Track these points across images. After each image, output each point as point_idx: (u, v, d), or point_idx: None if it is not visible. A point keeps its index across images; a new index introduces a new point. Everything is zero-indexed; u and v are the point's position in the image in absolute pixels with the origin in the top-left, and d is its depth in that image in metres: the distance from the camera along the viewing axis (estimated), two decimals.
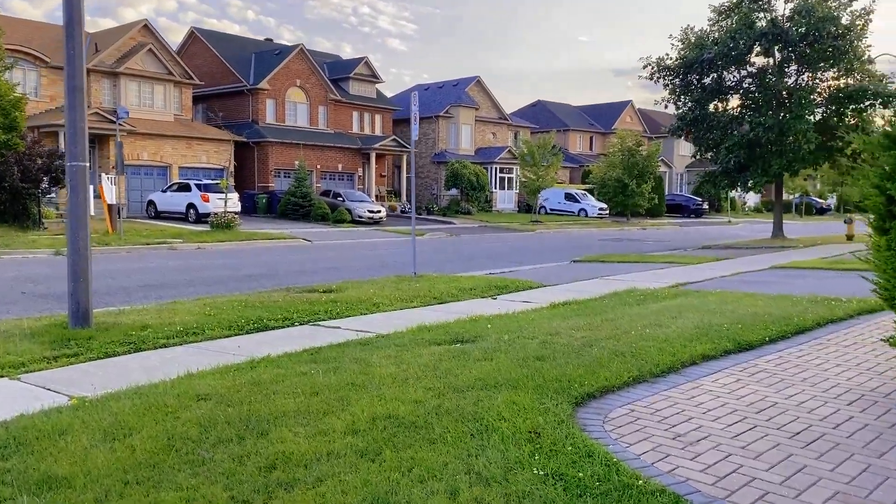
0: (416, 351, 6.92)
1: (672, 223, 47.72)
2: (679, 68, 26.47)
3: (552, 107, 66.94)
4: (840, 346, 7.03)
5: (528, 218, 44.68)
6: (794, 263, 17.55)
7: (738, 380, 5.74)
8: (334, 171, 46.79)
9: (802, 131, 23.06)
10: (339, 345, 7.53)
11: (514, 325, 8.26)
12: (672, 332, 7.39)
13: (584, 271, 16.42)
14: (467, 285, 12.88)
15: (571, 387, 5.30)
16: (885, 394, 5.28)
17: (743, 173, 25.47)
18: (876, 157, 5.09)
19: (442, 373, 5.92)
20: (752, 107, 25.80)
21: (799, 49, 24.07)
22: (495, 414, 4.71)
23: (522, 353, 6.48)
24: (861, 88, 23.49)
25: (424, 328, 8.42)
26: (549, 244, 28.20)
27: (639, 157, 43.90)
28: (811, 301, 9.53)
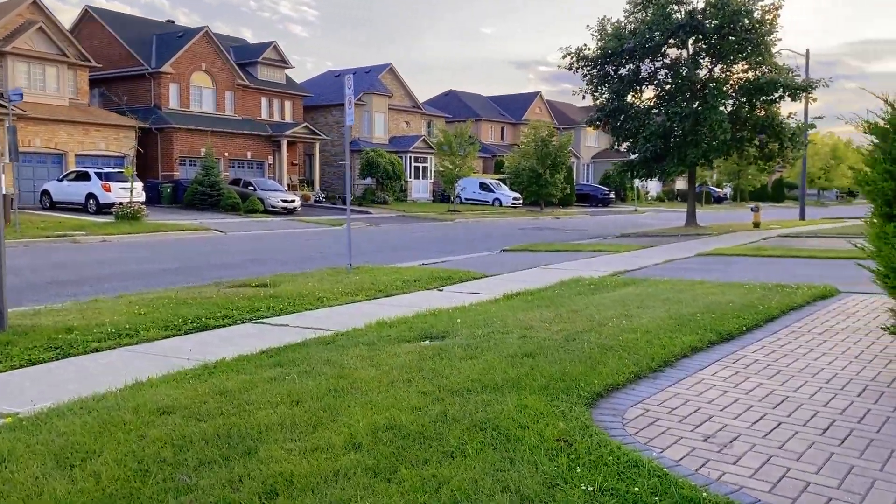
0: (389, 350, 6.43)
1: (583, 212, 48.63)
2: (598, 59, 26.73)
3: (464, 97, 66.94)
4: (814, 334, 7.01)
5: (444, 207, 44.46)
6: (718, 251, 17.96)
7: (736, 372, 5.56)
8: (243, 158, 45.10)
9: (717, 122, 23.72)
10: (299, 345, 6.94)
11: (480, 319, 7.87)
12: (647, 322, 7.18)
13: (518, 261, 16.24)
14: (410, 277, 12.41)
15: (578, 386, 4.95)
16: (886, 384, 5.20)
17: (660, 163, 26.02)
18: (883, 143, 4.98)
19: (429, 374, 5.46)
20: (667, 98, 26.36)
21: (713, 41, 24.72)
22: (511, 420, 4.30)
23: (508, 350, 6.10)
24: (772, 81, 24.38)
25: (384, 324, 7.92)
26: (472, 234, 28.01)
27: (552, 148, 44.38)
28: (763, 288, 9.59)
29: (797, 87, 24.37)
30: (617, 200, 60.87)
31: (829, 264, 14.37)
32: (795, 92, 24.45)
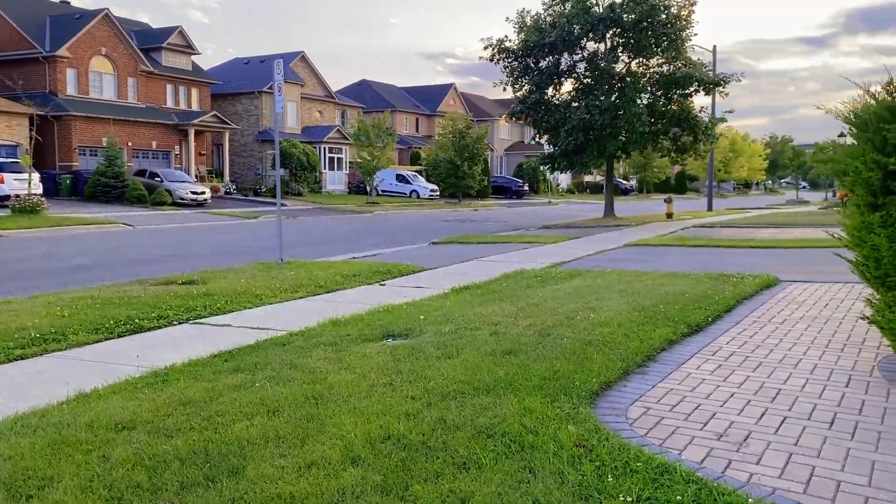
0: (355, 350, 6.04)
1: (500, 204, 49.00)
2: (519, 51, 26.77)
3: (377, 87, 66.19)
4: (776, 323, 7.07)
5: (362, 199, 43.81)
6: (644, 241, 18.28)
7: (719, 365, 5.48)
8: (148, 148, 42.99)
9: (636, 115, 24.19)
10: (254, 347, 6.46)
11: (440, 315, 7.57)
12: (615, 315, 7.07)
13: (451, 253, 16.01)
14: (347, 271, 11.98)
15: (573, 385, 4.74)
16: (866, 373, 5.24)
17: (580, 155, 26.33)
18: (866, 132, 4.97)
19: (410, 376, 5.13)
20: (586, 91, 26.69)
21: (631, 35, 25.15)
22: (519, 425, 4.03)
23: (485, 347, 5.82)
24: (688, 75, 25.05)
25: (339, 322, 7.50)
26: (395, 226, 27.61)
27: (469, 140, 44.41)
28: (709, 278, 9.70)
29: (711, 82, 25.17)
30: (531, 192, 61.68)
31: (754, 253, 14.82)
32: (709, 86, 25.24)
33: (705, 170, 76.97)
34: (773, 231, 21.10)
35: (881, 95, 4.97)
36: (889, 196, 4.79)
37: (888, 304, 4.98)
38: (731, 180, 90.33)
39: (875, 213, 4.89)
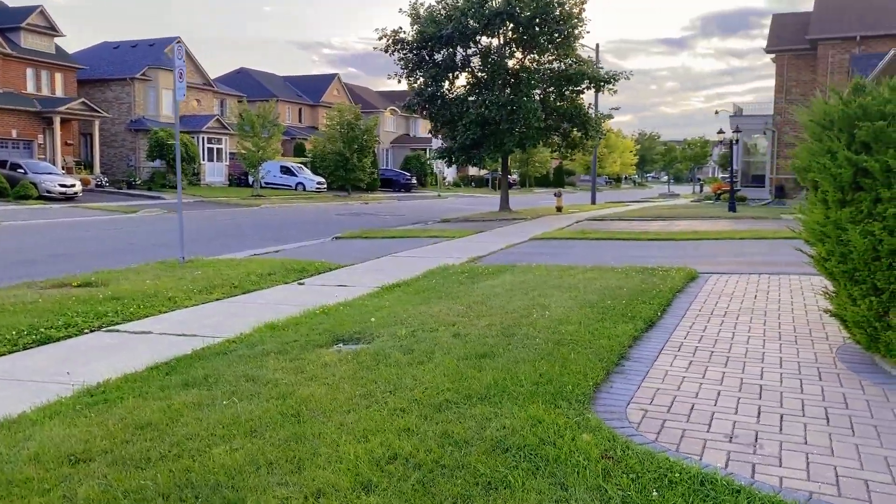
0: (311, 358, 5.62)
1: (390, 197, 48.61)
2: (415, 43, 26.51)
3: (257, 76, 64.01)
4: (719, 316, 7.21)
5: (246, 192, 42.22)
6: (547, 235, 18.52)
7: (690, 362, 5.48)
8: (7, 137, 39.53)
9: (532, 110, 24.51)
10: (194, 358, 5.88)
11: (386, 316, 7.22)
12: (568, 312, 6.97)
13: (360, 249, 15.57)
14: (260, 269, 11.35)
15: (565, 389, 4.56)
16: (830, 364, 5.38)
17: (478, 149, 26.43)
18: (828, 130, 5.09)
19: (387, 385, 4.78)
20: (481, 85, 26.80)
21: (526, 31, 25.43)
22: (532, 436, 3.80)
23: (456, 351, 5.55)
24: (580, 72, 25.64)
25: (276, 327, 7.00)
26: (288, 220, 26.70)
27: (358, 132, 43.73)
28: (637, 272, 9.84)
29: (602, 79, 25.88)
30: (418, 186, 61.66)
31: (656, 245, 15.27)
32: (600, 84, 25.97)
33: (581, 165, 79.75)
34: (663, 223, 21.98)
35: (848, 97, 5.10)
36: (858, 192, 4.92)
37: (853, 297, 5.12)
38: (603, 175, 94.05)
39: (844, 208, 5.00)
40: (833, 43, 30.76)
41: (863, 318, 5.04)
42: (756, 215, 24.74)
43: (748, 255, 12.97)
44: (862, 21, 30.58)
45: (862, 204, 4.87)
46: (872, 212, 4.78)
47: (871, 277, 4.88)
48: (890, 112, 4.74)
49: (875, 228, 4.71)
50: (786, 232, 17.04)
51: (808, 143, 5.48)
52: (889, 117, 4.73)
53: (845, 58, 30.52)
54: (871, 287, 4.91)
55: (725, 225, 20.49)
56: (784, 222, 21.62)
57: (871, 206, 4.81)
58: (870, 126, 4.69)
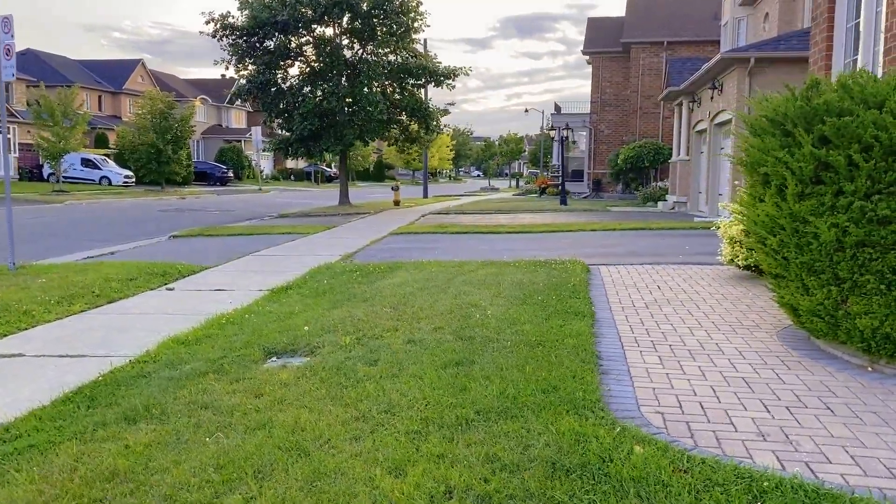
0: (259, 377, 4.92)
1: (208, 192, 45.84)
2: (246, 28, 25.02)
3: (47, 58, 57.69)
4: (642, 308, 7.28)
5: (44, 187, 37.89)
6: (405, 229, 18.22)
7: (660, 357, 5.43)
8: None
9: (373, 103, 24.06)
10: (107, 384, 4.97)
11: (311, 323, 6.56)
12: (507, 310, 6.73)
13: (207, 247, 14.38)
14: (116, 274, 10.06)
15: (574, 397, 4.29)
16: (784, 352, 5.57)
17: (317, 141, 25.51)
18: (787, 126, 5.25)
19: (378, 403, 4.26)
20: (318, 75, 25.92)
21: (365, 22, 24.87)
22: (587, 455, 3.49)
23: (429, 360, 5.09)
24: (421, 66, 25.55)
25: (184, 342, 6.13)
26: (106, 217, 24.21)
27: (172, 121, 40.77)
28: (540, 265, 9.79)
29: (443, 74, 25.96)
30: (234, 179, 58.84)
31: (517, 238, 15.47)
32: (440, 78, 26.03)
33: (401, 159, 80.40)
34: (509, 217, 22.50)
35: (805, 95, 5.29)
36: (818, 186, 5.11)
37: (808, 287, 5.33)
38: (420, 169, 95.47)
39: (804, 201, 5.17)
40: (644, 47, 33.22)
41: (819, 307, 5.25)
42: (586, 208, 26.09)
43: (611, 246, 13.47)
44: (669, 27, 33.31)
45: (824, 197, 5.06)
46: (835, 204, 4.98)
47: (832, 268, 5.09)
48: (848, 109, 4.96)
49: (840, 220, 4.90)
50: (631, 223, 18.09)
51: (756, 140, 5.63)
52: (847, 113, 4.94)
53: (654, 60, 33.09)
54: (831, 277, 5.12)
55: (568, 218, 21.33)
56: (615, 214, 23.00)
57: (832, 198, 5.01)
58: (835, 121, 4.87)
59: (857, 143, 4.85)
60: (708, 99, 20.73)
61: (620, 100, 35.61)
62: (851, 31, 8.00)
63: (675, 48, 32.56)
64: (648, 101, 33.27)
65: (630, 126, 34.11)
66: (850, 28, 8.01)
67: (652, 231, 16.21)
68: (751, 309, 7.16)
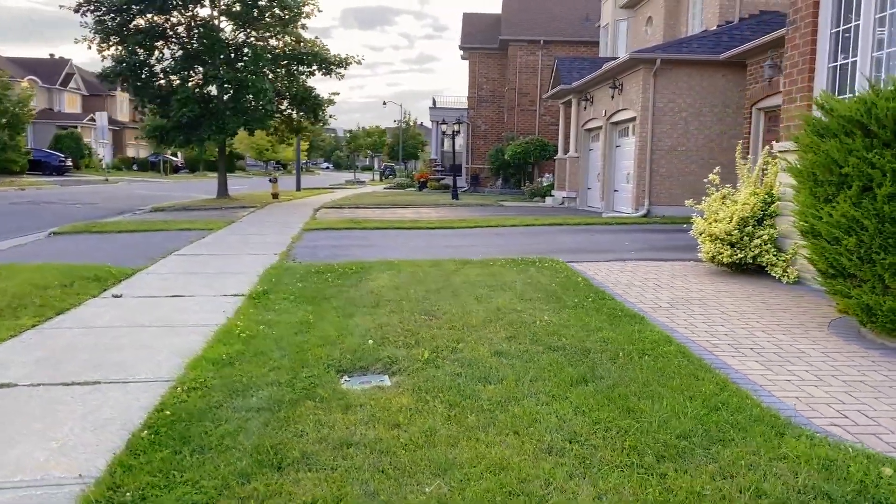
0: (369, 403, 4.26)
1: (49, 182, 41.42)
2: (116, 4, 22.70)
3: None
4: (666, 308, 7.18)
5: None
6: (314, 225, 17.18)
7: (758, 362, 5.29)
8: None
9: (263, 90, 22.64)
10: (185, 419, 4.10)
11: (360, 336, 5.85)
12: (552, 316, 6.36)
13: (105, 247, 12.81)
14: (44, 280, 8.67)
15: (754, 413, 4.01)
16: (861, 351, 5.61)
17: (197, 130, 23.63)
18: None
19: (550, 433, 3.76)
20: (197, 58, 24.03)
21: (249, 4, 23.32)
22: (855, 483, 3.21)
23: (548, 376, 4.61)
24: (312, 53, 24.36)
25: (219, 362, 5.25)
26: None
27: (8, 104, 36.50)
28: (517, 263, 9.51)
29: (334, 62, 24.90)
30: (73, 169, 53.79)
31: (454, 234, 15.09)
32: (331, 67, 24.96)
33: (254, 149, 77.40)
34: (412, 211, 22.02)
35: None
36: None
37: (889, 287, 5.41)
38: (273, 160, 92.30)
39: (894, 202, 5.22)
40: (521, 45, 33.81)
41: None
42: (479, 203, 26.13)
43: (552, 242, 13.38)
44: (544, 27, 34.12)
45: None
46: None
47: None
48: None
49: None
50: (546, 219, 18.20)
51: (832, 141, 5.62)
52: None
53: (531, 59, 33.79)
54: None
55: (475, 213, 21.18)
56: (516, 209, 23.15)
57: None
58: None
59: None
60: (605, 98, 21.33)
61: (497, 96, 36.07)
62: (835, 37, 8.34)
63: (551, 47, 33.41)
64: (525, 98, 33.92)
65: (508, 122, 34.63)
66: (834, 34, 8.34)
67: (573, 227, 16.38)
68: (781, 307, 7.22)
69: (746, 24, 19.20)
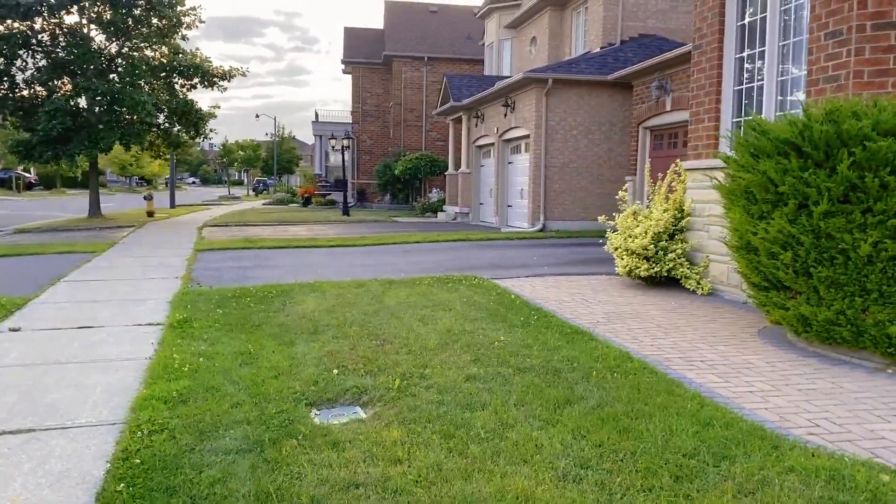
0: (356, 438, 4.04)
1: None
2: None
3: None
4: (614, 322, 7.34)
5: None
6: (206, 245, 16.37)
7: (715, 375, 5.47)
8: None
9: (141, 103, 21.39)
10: (156, 467, 3.74)
11: (316, 366, 5.56)
12: (506, 335, 6.33)
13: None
14: None
15: (744, 426, 4.12)
16: (797, 359, 5.93)
17: (67, 144, 21.95)
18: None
19: (563, 460, 3.69)
20: (65, 68, 22.40)
21: (123, 13, 21.99)
22: (868, 493, 3.34)
23: (529, 398, 4.54)
24: (194, 65, 23.27)
25: (169, 400, 4.85)
26: None
27: None
28: (443, 281, 9.43)
29: (216, 74, 23.90)
30: None
31: (360, 252, 14.81)
32: (213, 79, 23.95)
33: (115, 164, 73.17)
34: (304, 228, 21.49)
35: None
36: (845, 204, 5.54)
37: (823, 299, 5.76)
38: (137, 175, 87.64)
39: (830, 219, 5.57)
40: (405, 60, 33.93)
41: (840, 317, 5.68)
42: (372, 219, 25.85)
43: (462, 259, 13.39)
44: (427, 43, 34.43)
45: (852, 215, 5.49)
46: (865, 222, 5.43)
47: (858, 280, 5.54)
48: (870, 136, 5.43)
49: (873, 236, 5.35)
50: (448, 235, 18.23)
51: (768, 162, 5.94)
52: (871, 140, 5.42)
53: (416, 75, 33.99)
54: (856, 289, 5.56)
55: (373, 229, 20.92)
56: (413, 226, 23.08)
57: (861, 216, 5.46)
58: (873, 146, 5.31)
59: (886, 167, 5.34)
60: (497, 115, 21.74)
61: (382, 111, 36.00)
62: (739, 62, 8.89)
63: (435, 64, 33.77)
64: (412, 114, 34.05)
65: (394, 138, 34.62)
66: (738, 59, 8.89)
67: (477, 242, 16.52)
68: (707, 318, 7.54)
69: (629, 47, 20.19)
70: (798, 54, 8.02)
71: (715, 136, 9.13)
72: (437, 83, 33.64)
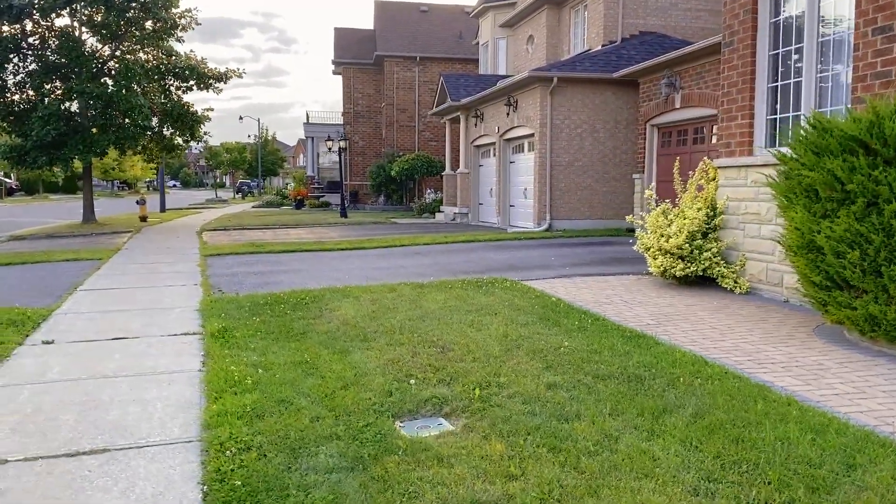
0: (457, 454, 3.89)
1: None
2: None
3: None
4: (667, 327, 7.23)
5: None
6: (213, 250, 16.15)
7: (793, 379, 5.37)
8: None
9: (138, 107, 21.01)
10: (261, 489, 3.55)
11: (383, 375, 5.40)
12: (566, 340, 6.19)
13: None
14: None
15: (862, 433, 4.02)
16: (866, 358, 5.85)
17: (61, 149, 21.50)
18: None
19: (688, 474, 3.56)
20: (58, 72, 21.96)
21: (116, 15, 21.57)
22: None
23: (622, 407, 4.40)
24: (189, 67, 22.90)
25: (244, 416, 4.67)
26: None
27: None
28: (479, 284, 9.28)
29: (213, 77, 23.52)
30: None
31: (369, 256, 14.61)
32: (209, 81, 23.58)
33: (97, 168, 72.03)
34: (306, 231, 21.24)
35: None
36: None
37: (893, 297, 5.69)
38: (119, 179, 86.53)
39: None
40: (397, 61, 33.71)
41: None
42: (371, 220, 25.62)
43: (477, 261, 13.24)
44: (418, 43, 34.24)
45: None
46: None
47: None
48: None
49: None
50: (454, 236, 18.06)
51: (834, 160, 5.85)
52: None
53: (408, 75, 33.78)
54: None
55: (375, 231, 20.71)
56: (415, 227, 22.88)
57: None
58: None
59: None
60: (499, 115, 21.62)
61: (374, 112, 35.75)
62: (773, 59, 8.82)
63: (427, 64, 33.59)
64: (404, 115, 33.84)
65: (386, 138, 34.39)
66: (772, 56, 8.82)
67: (488, 243, 16.36)
68: (757, 318, 7.44)
69: (630, 44, 20.15)
70: (839, 51, 7.95)
71: (749, 132, 9.05)
72: (429, 83, 33.48)
